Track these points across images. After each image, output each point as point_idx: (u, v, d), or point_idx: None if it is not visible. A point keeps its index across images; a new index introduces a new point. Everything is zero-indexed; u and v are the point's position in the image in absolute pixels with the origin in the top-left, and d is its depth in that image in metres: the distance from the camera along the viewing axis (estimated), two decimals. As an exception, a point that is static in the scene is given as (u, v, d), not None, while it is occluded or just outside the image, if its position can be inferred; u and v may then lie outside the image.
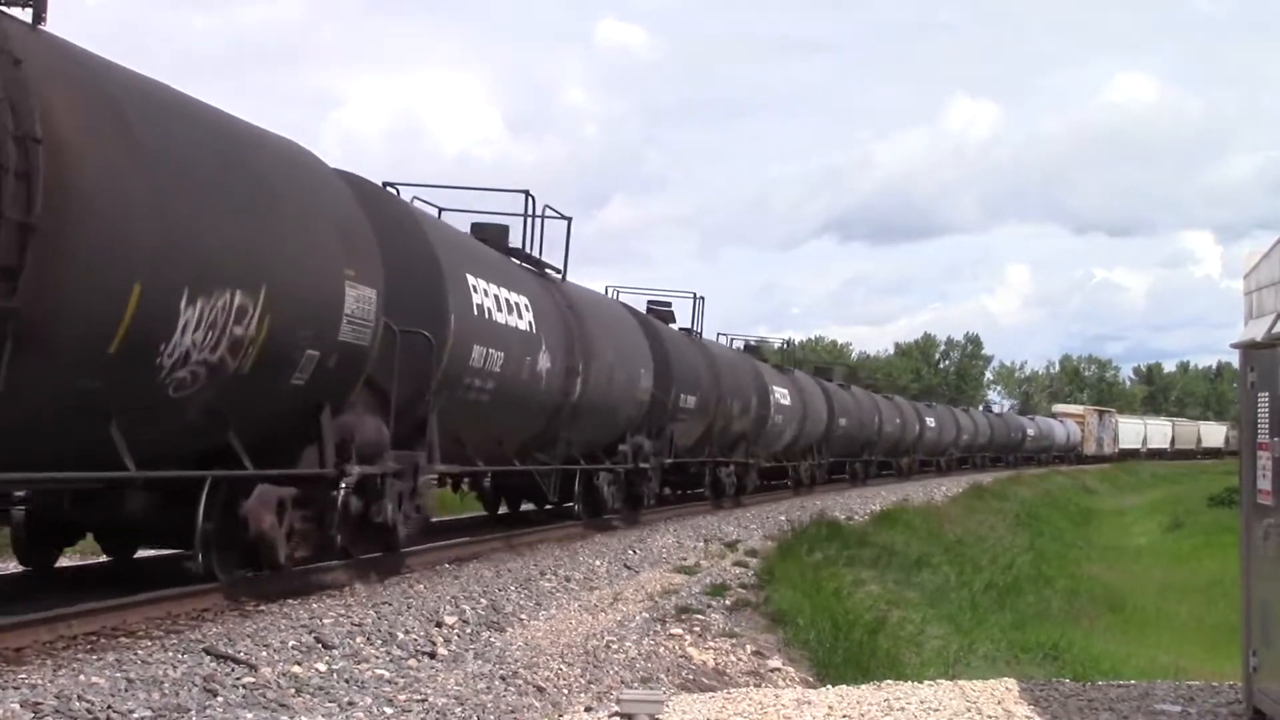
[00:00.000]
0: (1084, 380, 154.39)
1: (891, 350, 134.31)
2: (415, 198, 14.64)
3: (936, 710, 8.17)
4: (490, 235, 15.86)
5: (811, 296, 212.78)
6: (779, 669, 11.08)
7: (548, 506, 18.90)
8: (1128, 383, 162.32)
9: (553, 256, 17.97)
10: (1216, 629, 17.64)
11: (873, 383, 55.19)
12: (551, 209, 17.72)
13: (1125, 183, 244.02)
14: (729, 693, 8.92)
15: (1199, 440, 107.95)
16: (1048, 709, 8.34)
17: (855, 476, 41.62)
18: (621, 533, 18.87)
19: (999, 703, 8.47)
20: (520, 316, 14.92)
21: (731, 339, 32.80)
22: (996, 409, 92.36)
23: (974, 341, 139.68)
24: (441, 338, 12.42)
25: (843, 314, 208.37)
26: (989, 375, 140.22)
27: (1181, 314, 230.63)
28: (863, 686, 9.15)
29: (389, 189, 13.75)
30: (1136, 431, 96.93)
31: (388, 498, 11.59)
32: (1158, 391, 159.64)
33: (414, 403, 12.10)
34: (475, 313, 13.45)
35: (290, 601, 10.17)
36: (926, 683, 9.39)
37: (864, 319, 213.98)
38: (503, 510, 19.86)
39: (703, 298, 26.40)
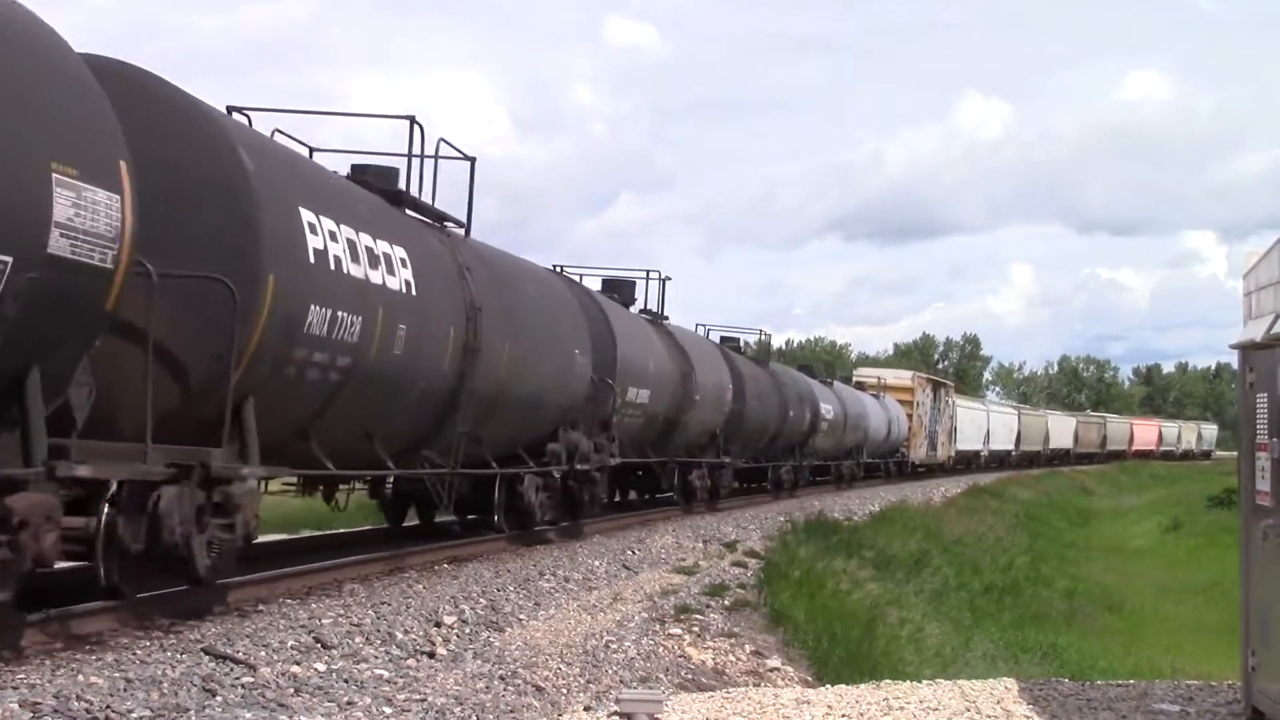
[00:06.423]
0: (1082, 380, 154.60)
1: (891, 351, 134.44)
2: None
3: (935, 710, 8.18)
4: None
5: (815, 296, 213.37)
6: (778, 669, 11.08)
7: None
8: (1127, 383, 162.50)
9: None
10: (1215, 630, 17.65)
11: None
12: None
13: (1131, 182, 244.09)
14: (728, 692, 8.93)
15: (1046, 439, 76.98)
16: (1046, 708, 8.35)
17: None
18: (623, 533, 18.99)
19: (998, 702, 8.48)
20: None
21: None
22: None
23: (972, 342, 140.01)
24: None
25: (845, 314, 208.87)
26: (988, 375, 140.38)
27: (1184, 314, 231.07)
28: (862, 686, 9.16)
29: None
30: (978, 424, 61.39)
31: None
32: (1156, 392, 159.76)
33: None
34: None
35: (289, 601, 10.19)
36: (925, 682, 9.40)
37: (867, 319, 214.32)
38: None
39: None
